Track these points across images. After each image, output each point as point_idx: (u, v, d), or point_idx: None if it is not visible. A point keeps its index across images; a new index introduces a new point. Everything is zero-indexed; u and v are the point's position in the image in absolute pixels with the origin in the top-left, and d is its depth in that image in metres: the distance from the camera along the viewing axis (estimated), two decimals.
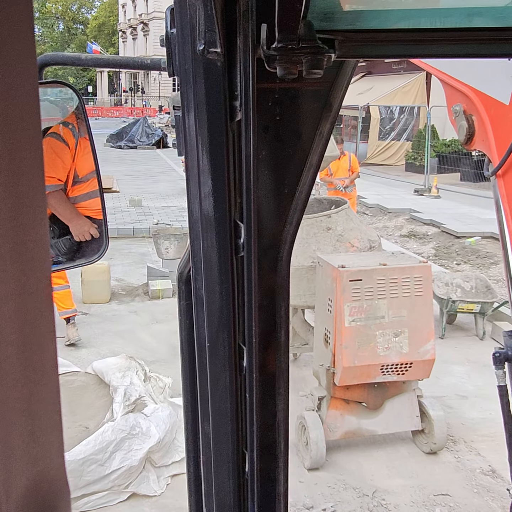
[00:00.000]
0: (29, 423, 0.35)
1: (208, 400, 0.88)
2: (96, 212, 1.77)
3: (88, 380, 5.33)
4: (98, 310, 8.25)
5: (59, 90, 1.67)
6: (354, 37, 0.74)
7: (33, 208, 0.33)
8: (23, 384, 0.34)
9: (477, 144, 1.81)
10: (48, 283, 0.35)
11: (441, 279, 7.88)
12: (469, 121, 1.80)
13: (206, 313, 0.82)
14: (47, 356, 0.36)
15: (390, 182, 21.12)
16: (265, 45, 0.69)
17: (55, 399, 0.37)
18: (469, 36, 0.74)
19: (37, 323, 0.35)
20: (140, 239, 12.30)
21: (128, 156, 27.47)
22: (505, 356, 1.71)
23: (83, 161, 1.83)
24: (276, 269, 0.88)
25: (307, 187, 0.85)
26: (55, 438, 0.38)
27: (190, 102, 0.72)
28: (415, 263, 5.09)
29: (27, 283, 0.34)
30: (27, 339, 0.34)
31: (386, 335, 4.83)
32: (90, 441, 4.31)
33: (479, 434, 5.46)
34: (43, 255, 0.35)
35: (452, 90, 1.91)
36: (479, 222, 13.55)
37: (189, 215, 0.78)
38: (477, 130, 1.79)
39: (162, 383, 5.40)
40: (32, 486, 0.36)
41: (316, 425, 4.91)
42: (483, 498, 4.59)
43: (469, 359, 7.00)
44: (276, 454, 0.95)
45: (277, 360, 0.91)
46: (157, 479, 4.65)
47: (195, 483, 1.02)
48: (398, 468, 4.99)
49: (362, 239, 6.60)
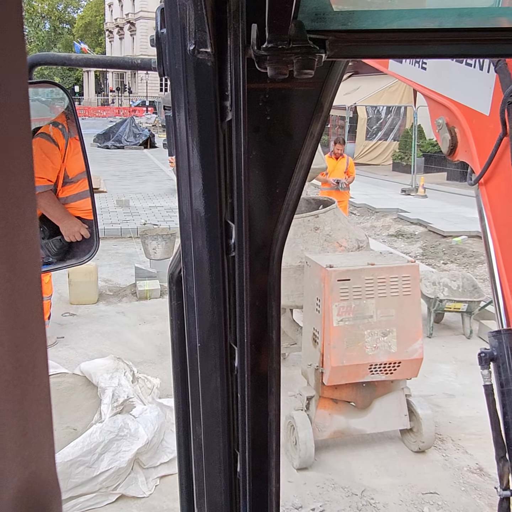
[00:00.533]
0: (20, 425, 0.35)
1: (200, 400, 0.88)
2: (86, 213, 1.77)
3: (76, 382, 5.30)
4: (86, 311, 8.21)
5: (51, 90, 1.66)
6: (345, 37, 0.74)
7: (23, 208, 0.33)
8: (14, 385, 0.34)
9: (460, 155, 1.87)
10: (38, 284, 0.35)
11: (429, 278, 7.92)
12: (452, 133, 1.86)
13: (197, 313, 0.82)
14: (38, 357, 0.36)
15: (377, 181, 21.21)
16: (256, 45, 0.69)
17: (46, 400, 0.37)
18: (460, 37, 0.75)
19: (27, 324, 0.34)
20: (128, 239, 12.26)
21: (115, 156, 27.36)
22: (490, 356, 1.74)
23: (73, 162, 1.82)
24: (268, 269, 0.88)
25: (298, 187, 0.85)
26: (47, 440, 0.38)
27: (180, 102, 0.71)
28: (403, 263, 5.11)
29: (17, 284, 0.33)
30: (18, 340, 0.34)
31: (375, 334, 4.84)
32: (78, 443, 4.28)
33: (467, 432, 5.49)
34: (33, 256, 0.34)
35: (435, 104, 1.96)
36: (466, 221, 13.64)
37: (180, 215, 0.77)
38: (460, 142, 1.85)
39: (150, 384, 5.38)
40: (24, 488, 0.36)
41: (305, 424, 4.91)
42: (470, 496, 4.62)
43: (456, 358, 7.04)
44: (268, 454, 0.95)
45: (268, 360, 0.91)
46: (146, 480, 4.63)
47: (187, 483, 1.02)
48: (386, 467, 5.01)
49: (350, 239, 6.61)
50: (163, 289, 9.08)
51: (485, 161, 1.67)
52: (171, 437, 4.87)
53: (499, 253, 1.70)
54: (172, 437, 4.86)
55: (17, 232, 0.33)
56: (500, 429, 1.73)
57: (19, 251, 0.33)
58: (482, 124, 1.72)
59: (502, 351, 1.70)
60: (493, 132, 1.63)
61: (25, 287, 0.34)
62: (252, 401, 0.87)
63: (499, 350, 1.71)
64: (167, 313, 4.14)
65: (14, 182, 0.32)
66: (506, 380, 1.69)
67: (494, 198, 1.71)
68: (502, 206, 1.67)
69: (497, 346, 1.72)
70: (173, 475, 4.77)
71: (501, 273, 1.71)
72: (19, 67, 0.32)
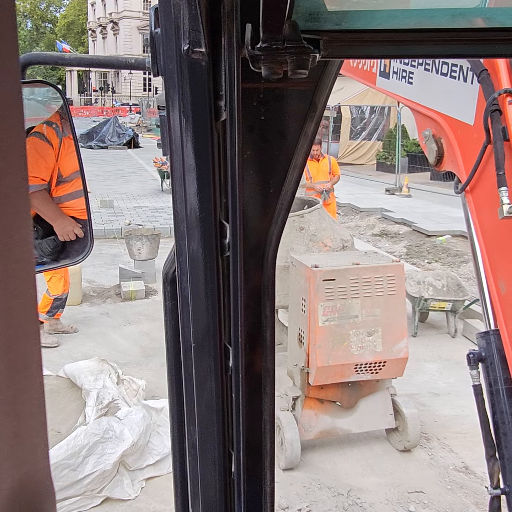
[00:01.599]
0: (14, 425, 0.35)
1: (194, 400, 0.88)
2: (80, 212, 1.76)
3: (60, 384, 5.26)
4: (69, 312, 8.15)
5: (47, 90, 1.65)
6: (339, 37, 0.74)
7: (16, 208, 0.33)
8: (8, 386, 0.34)
9: (447, 165, 1.90)
10: (33, 284, 0.35)
11: (413, 277, 7.97)
12: (438, 144, 1.90)
13: (192, 314, 0.82)
14: (31, 358, 0.36)
15: (361, 181, 21.31)
16: (250, 45, 0.69)
17: (40, 401, 0.37)
18: (453, 37, 0.75)
19: (21, 325, 0.35)
20: (112, 240, 12.18)
21: (99, 156, 27.23)
22: (479, 357, 1.77)
23: (67, 161, 1.81)
24: (262, 269, 0.88)
25: (292, 187, 0.85)
26: (40, 440, 0.38)
27: (174, 102, 0.71)
28: (388, 262, 5.14)
29: (11, 284, 0.33)
30: (12, 341, 0.34)
31: (360, 334, 4.86)
32: (62, 446, 4.25)
33: (452, 431, 5.53)
34: (27, 256, 0.34)
35: (421, 116, 2.00)
36: (449, 220, 13.76)
37: (174, 215, 0.77)
38: (446, 152, 1.88)
39: (135, 386, 5.35)
40: (18, 488, 0.36)
41: (291, 425, 4.92)
42: (456, 495, 4.65)
43: (441, 357, 7.09)
44: (262, 454, 0.95)
45: (263, 360, 0.92)
46: (131, 482, 4.61)
47: (181, 484, 1.02)
48: (372, 466, 5.03)
49: (335, 239, 6.64)
50: (148, 290, 9.05)
51: (470, 170, 1.71)
52: (157, 438, 4.85)
53: (486, 258, 1.73)
54: (158, 439, 4.84)
55: (11, 232, 0.33)
56: (489, 428, 1.75)
57: (13, 251, 0.33)
58: (467, 134, 1.76)
59: (490, 352, 1.73)
60: (477, 141, 1.68)
61: (19, 287, 0.34)
62: (247, 401, 0.87)
63: (487, 350, 1.74)
64: (152, 314, 4.16)
65: (7, 182, 0.32)
66: (494, 380, 1.72)
67: (480, 205, 1.74)
68: (488, 212, 1.70)
69: (485, 347, 1.75)
70: (159, 477, 4.75)
71: (487, 276, 1.74)
72: (11, 66, 0.32)
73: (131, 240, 9.37)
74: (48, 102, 1.97)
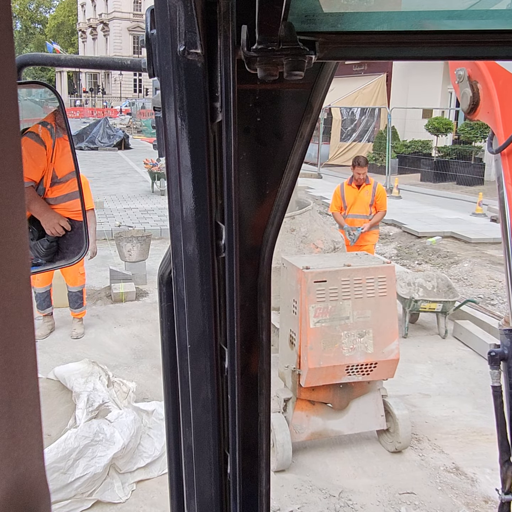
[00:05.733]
0: (9, 426, 0.35)
1: (190, 402, 0.88)
2: (76, 214, 1.75)
3: (50, 386, 5.23)
4: (59, 314, 8.10)
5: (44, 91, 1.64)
6: (335, 39, 0.74)
7: (12, 209, 0.33)
8: (3, 387, 0.34)
9: (481, 115, 1.66)
10: (28, 285, 0.35)
11: (404, 279, 7.99)
12: (473, 88, 1.63)
13: (188, 315, 0.82)
14: (27, 359, 0.36)
15: None
16: (246, 47, 0.69)
17: (35, 402, 0.37)
18: (450, 39, 0.75)
19: (16, 326, 0.35)
20: (102, 241, 12.12)
21: (89, 157, 27.12)
22: (501, 356, 1.64)
23: (62, 162, 1.81)
24: (258, 270, 0.88)
25: (288, 188, 0.85)
26: (36, 441, 0.38)
27: (170, 103, 0.71)
28: (379, 264, 5.15)
29: (6, 285, 0.33)
30: (7, 342, 0.34)
31: (351, 335, 4.86)
32: (53, 449, 4.22)
33: (442, 432, 5.55)
34: (22, 257, 0.34)
35: None
36: (440, 222, 13.81)
37: (170, 216, 0.77)
38: (482, 100, 1.62)
39: (126, 388, 5.33)
40: (13, 489, 0.36)
41: (282, 427, 4.92)
42: (447, 496, 4.66)
43: (432, 358, 7.11)
44: (258, 455, 0.96)
45: (259, 361, 0.92)
46: (122, 485, 4.59)
47: (177, 485, 1.02)
48: (363, 467, 5.03)
49: (326, 240, 6.65)
50: (138, 292, 9.02)
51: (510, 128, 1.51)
52: (148, 441, 4.83)
53: None
54: (149, 442, 4.83)
55: (6, 233, 0.33)
56: (506, 432, 1.67)
57: (8, 252, 0.33)
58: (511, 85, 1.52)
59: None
60: None
61: (14, 288, 0.34)
62: (243, 402, 0.87)
63: (511, 349, 1.62)
64: (142, 315, 4.14)
65: (3, 182, 0.32)
66: None
67: None
68: None
69: (510, 345, 1.62)
70: (150, 480, 4.73)
71: None
72: (7, 67, 0.32)
73: (122, 241, 9.33)
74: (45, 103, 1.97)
